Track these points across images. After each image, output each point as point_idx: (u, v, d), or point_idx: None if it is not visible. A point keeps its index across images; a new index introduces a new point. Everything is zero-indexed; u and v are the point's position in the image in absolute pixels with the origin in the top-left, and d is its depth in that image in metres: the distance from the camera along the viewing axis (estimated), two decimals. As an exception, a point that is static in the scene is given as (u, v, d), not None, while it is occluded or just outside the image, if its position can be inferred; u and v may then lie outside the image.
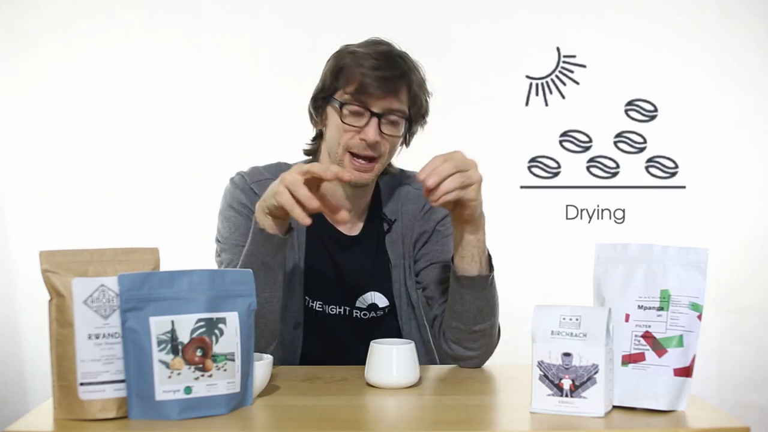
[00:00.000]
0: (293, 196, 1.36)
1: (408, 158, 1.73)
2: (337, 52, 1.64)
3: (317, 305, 1.69)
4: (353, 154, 1.59)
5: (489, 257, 1.53)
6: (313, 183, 1.38)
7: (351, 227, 1.73)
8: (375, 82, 1.55)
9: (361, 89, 1.56)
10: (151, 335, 1.16)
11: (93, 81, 2.52)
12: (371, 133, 1.57)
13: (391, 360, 1.38)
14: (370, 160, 1.60)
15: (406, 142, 1.69)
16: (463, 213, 1.45)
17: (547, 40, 2.60)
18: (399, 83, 1.58)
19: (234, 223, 1.64)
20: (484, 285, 1.52)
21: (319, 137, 1.71)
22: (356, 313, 1.70)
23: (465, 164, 1.40)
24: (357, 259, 1.72)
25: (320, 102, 1.64)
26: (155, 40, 2.54)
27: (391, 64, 1.58)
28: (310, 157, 1.73)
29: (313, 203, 1.35)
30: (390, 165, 1.72)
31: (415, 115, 1.64)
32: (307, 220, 1.37)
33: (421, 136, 1.72)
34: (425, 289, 1.73)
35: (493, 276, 1.54)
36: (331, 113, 1.61)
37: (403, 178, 1.77)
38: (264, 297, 1.48)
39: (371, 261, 1.72)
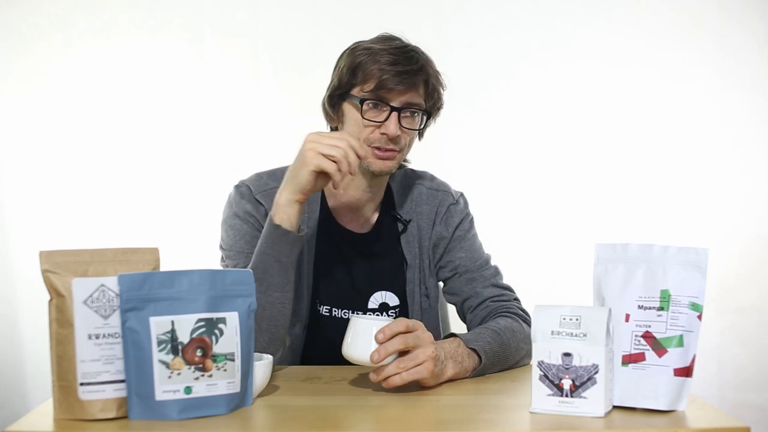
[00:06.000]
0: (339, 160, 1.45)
1: (409, 156, 1.73)
2: (350, 49, 1.64)
3: (324, 309, 1.67)
4: (375, 148, 1.61)
5: (477, 353, 1.47)
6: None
7: (362, 225, 1.72)
8: (395, 77, 1.57)
9: (380, 85, 1.57)
10: (151, 335, 1.16)
11: (93, 81, 2.52)
12: (392, 127, 1.58)
13: (371, 336, 1.31)
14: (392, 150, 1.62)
15: (420, 135, 1.69)
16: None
17: (547, 40, 2.59)
18: (417, 77, 1.60)
19: (239, 231, 1.62)
20: (482, 371, 1.48)
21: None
22: (368, 314, 1.69)
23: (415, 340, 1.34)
24: (368, 257, 1.71)
25: (336, 99, 1.64)
26: (155, 40, 2.54)
27: (408, 59, 1.59)
28: None
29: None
30: (405, 159, 1.73)
31: (432, 107, 1.66)
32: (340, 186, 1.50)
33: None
34: (453, 295, 1.74)
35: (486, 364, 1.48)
36: (348, 109, 1.62)
37: (415, 177, 1.78)
38: (275, 297, 1.48)
39: (384, 259, 1.72)
